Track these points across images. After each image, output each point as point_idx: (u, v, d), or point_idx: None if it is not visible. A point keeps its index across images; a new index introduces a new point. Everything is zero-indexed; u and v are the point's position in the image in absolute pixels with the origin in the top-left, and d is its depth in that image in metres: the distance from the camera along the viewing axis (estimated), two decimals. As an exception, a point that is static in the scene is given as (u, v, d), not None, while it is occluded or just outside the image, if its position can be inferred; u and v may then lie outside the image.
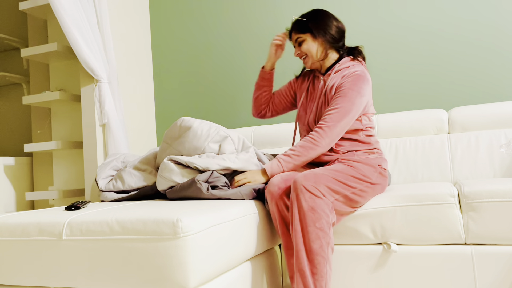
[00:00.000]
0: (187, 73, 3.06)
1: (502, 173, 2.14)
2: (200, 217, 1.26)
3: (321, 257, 1.47)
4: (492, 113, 2.25)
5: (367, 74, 1.83)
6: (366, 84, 1.80)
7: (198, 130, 1.85)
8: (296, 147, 1.77)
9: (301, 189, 1.52)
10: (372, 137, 1.89)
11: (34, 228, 1.35)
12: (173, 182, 1.74)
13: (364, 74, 1.81)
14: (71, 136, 2.77)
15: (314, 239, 1.48)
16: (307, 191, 1.52)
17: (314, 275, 1.46)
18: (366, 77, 1.81)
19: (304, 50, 1.89)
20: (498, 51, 2.43)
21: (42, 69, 2.94)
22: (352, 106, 1.76)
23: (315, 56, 1.89)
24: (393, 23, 2.61)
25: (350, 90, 1.77)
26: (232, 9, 2.96)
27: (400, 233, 1.68)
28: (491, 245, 1.62)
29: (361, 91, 1.78)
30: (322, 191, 1.54)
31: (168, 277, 1.19)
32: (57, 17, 2.35)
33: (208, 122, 1.92)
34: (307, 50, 1.89)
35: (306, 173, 1.58)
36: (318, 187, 1.53)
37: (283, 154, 1.78)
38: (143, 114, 2.99)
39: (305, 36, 1.88)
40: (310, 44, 1.88)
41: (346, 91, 1.78)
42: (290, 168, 1.76)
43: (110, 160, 2.16)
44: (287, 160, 1.76)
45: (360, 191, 1.67)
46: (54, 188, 2.77)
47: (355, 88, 1.78)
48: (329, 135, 1.75)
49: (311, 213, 1.50)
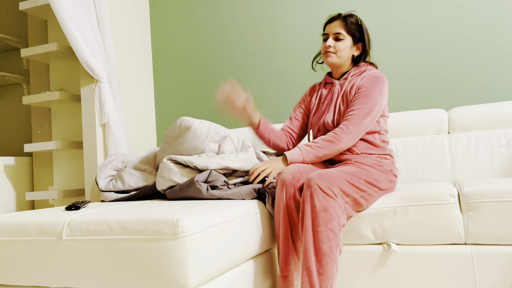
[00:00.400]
0: (187, 73, 3.06)
1: (502, 173, 2.14)
2: (200, 217, 1.26)
3: (329, 258, 1.47)
4: (492, 113, 2.25)
5: (385, 77, 1.88)
6: (386, 85, 1.85)
7: (197, 130, 1.85)
8: (318, 140, 1.79)
9: (316, 188, 1.52)
10: (386, 143, 1.91)
11: (34, 228, 1.35)
12: (173, 182, 1.74)
13: (382, 76, 1.86)
14: (71, 136, 2.77)
15: (324, 240, 1.48)
16: (321, 190, 1.51)
17: (320, 275, 1.46)
18: (385, 79, 1.86)
19: (338, 48, 1.88)
20: (498, 51, 2.43)
21: (42, 69, 2.94)
22: (375, 105, 1.79)
23: (343, 59, 1.90)
24: (393, 23, 2.61)
25: (372, 91, 1.80)
26: (232, 8, 2.96)
27: (400, 233, 1.68)
28: (491, 245, 1.62)
29: (382, 92, 1.82)
30: (336, 192, 1.53)
31: (168, 277, 1.18)
32: (57, 17, 2.35)
33: (207, 122, 1.92)
34: (341, 49, 1.89)
35: (322, 172, 1.57)
36: (332, 188, 1.53)
37: (304, 145, 1.79)
38: (143, 114, 2.99)
39: (347, 37, 1.89)
40: (347, 46, 1.89)
41: (368, 91, 1.80)
42: (310, 159, 1.76)
43: (110, 160, 2.16)
44: (309, 150, 1.76)
45: (368, 195, 1.68)
46: (54, 188, 2.77)
47: (377, 88, 1.81)
48: (352, 132, 1.77)
49: (324, 213, 1.49)
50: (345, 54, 1.90)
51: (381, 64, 2.62)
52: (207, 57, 3.01)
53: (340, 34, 1.88)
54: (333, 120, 1.88)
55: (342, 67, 1.94)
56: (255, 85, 2.88)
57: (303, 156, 1.76)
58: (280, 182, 1.64)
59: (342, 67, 1.94)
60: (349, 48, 1.90)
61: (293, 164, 1.71)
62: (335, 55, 1.89)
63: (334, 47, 1.89)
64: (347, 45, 1.89)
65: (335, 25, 1.90)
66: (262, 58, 2.88)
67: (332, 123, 1.88)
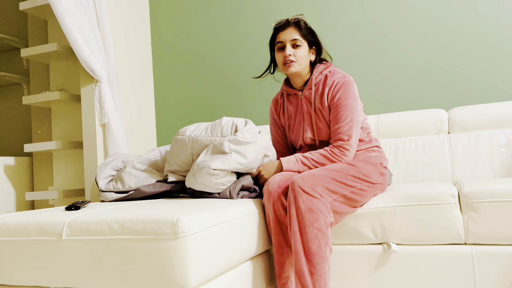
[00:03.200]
0: (187, 72, 3.06)
1: (502, 173, 2.14)
2: (200, 217, 1.26)
3: (320, 257, 1.48)
4: (492, 113, 2.25)
5: (349, 76, 1.84)
6: (355, 86, 1.83)
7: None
8: (315, 154, 1.78)
9: (298, 190, 1.53)
10: (371, 134, 1.91)
11: (34, 228, 1.35)
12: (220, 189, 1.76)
13: (347, 78, 1.83)
14: (71, 136, 2.77)
15: (312, 240, 1.48)
16: (304, 192, 1.52)
17: (312, 275, 1.46)
18: (352, 80, 1.83)
19: (299, 56, 1.83)
20: (498, 51, 2.43)
21: (42, 69, 2.94)
22: (356, 113, 1.79)
23: (304, 66, 1.86)
24: (393, 23, 2.61)
25: (348, 100, 1.79)
26: (232, 8, 2.96)
27: (400, 233, 1.68)
28: (491, 245, 1.62)
29: (355, 95, 1.81)
30: (319, 191, 1.54)
31: (168, 277, 1.18)
32: (57, 17, 2.35)
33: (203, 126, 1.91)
34: (301, 57, 1.83)
35: (304, 174, 1.58)
36: (315, 188, 1.53)
37: (302, 156, 1.78)
38: (143, 114, 2.99)
39: (303, 42, 1.84)
40: (305, 52, 1.85)
41: (345, 102, 1.79)
42: (304, 170, 1.77)
43: (110, 160, 2.16)
44: (305, 162, 1.77)
45: (360, 190, 1.67)
46: (54, 188, 2.77)
47: (350, 95, 1.79)
48: (351, 151, 1.78)
49: (309, 214, 1.50)
50: (305, 61, 1.85)
51: (381, 64, 2.62)
52: (207, 57, 3.01)
53: (297, 41, 1.82)
54: (313, 137, 1.88)
55: (303, 74, 1.89)
56: (255, 85, 2.88)
57: (298, 168, 1.77)
58: (266, 193, 1.65)
59: (303, 74, 1.89)
60: (307, 54, 1.86)
61: (278, 173, 1.72)
62: (296, 63, 1.82)
63: (295, 55, 1.82)
64: (305, 52, 1.85)
65: (290, 32, 1.83)
66: (263, 58, 2.88)
67: (312, 140, 1.89)
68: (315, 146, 1.91)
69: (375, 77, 2.64)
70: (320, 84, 1.86)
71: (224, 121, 1.79)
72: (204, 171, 1.65)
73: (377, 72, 2.64)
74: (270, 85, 2.85)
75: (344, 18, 2.71)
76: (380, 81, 2.63)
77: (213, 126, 1.80)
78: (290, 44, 1.83)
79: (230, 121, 1.79)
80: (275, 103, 2.03)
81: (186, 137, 1.81)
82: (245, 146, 1.70)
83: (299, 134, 1.92)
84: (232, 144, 1.68)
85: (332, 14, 2.73)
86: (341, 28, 2.71)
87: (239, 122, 1.78)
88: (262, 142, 1.75)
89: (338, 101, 1.79)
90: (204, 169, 1.65)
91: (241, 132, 1.72)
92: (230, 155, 1.67)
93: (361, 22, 2.68)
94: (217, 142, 1.71)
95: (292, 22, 1.84)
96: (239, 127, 1.76)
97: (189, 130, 1.84)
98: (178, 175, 1.88)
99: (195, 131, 1.81)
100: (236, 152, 1.68)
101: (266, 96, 2.86)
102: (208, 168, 1.64)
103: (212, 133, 1.78)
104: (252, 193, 1.77)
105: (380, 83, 2.63)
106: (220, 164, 1.64)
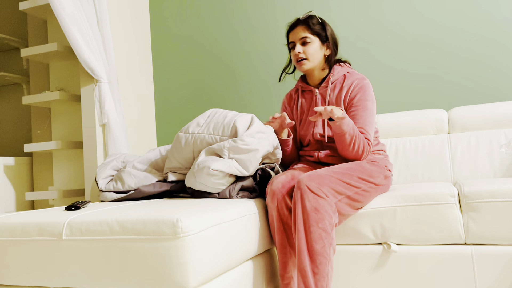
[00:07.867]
0: (187, 72, 3.06)
1: (502, 173, 2.14)
2: (200, 217, 1.26)
3: (323, 257, 1.47)
4: (492, 113, 2.25)
5: (367, 78, 1.89)
6: (371, 89, 1.87)
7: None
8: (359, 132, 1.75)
9: (305, 189, 1.53)
10: (378, 138, 1.93)
11: (34, 228, 1.35)
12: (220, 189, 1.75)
13: (366, 80, 1.87)
14: (71, 136, 2.77)
15: (316, 240, 1.48)
16: (310, 191, 1.52)
17: (315, 274, 1.46)
18: (369, 83, 1.88)
19: (309, 53, 1.85)
20: (499, 51, 2.43)
21: (42, 69, 2.94)
22: (373, 116, 1.84)
23: (316, 62, 1.88)
24: (393, 22, 2.61)
25: (366, 102, 1.83)
26: (232, 8, 2.96)
27: (400, 233, 1.68)
28: (491, 245, 1.62)
29: (373, 97, 1.86)
30: (326, 192, 1.54)
31: (168, 277, 1.18)
32: (57, 17, 2.35)
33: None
34: (312, 53, 1.86)
35: (311, 173, 1.58)
36: (322, 188, 1.53)
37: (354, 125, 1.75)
38: (143, 114, 2.99)
39: (314, 38, 1.86)
40: (316, 48, 1.87)
41: (365, 104, 1.82)
42: (341, 124, 1.67)
43: (110, 160, 2.16)
44: (355, 130, 1.72)
45: (363, 191, 1.68)
46: (54, 188, 2.77)
47: (369, 97, 1.84)
48: (371, 147, 1.81)
49: (315, 214, 1.50)
50: (317, 56, 1.87)
51: (381, 64, 2.62)
52: (207, 57, 3.01)
53: (306, 38, 1.85)
54: (323, 133, 1.89)
55: (318, 70, 1.92)
56: (255, 84, 2.88)
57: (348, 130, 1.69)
58: (270, 192, 1.65)
59: (318, 70, 1.92)
60: (319, 50, 1.87)
61: (282, 173, 1.72)
62: (307, 60, 1.86)
63: (304, 53, 1.85)
64: (317, 47, 1.87)
65: (298, 30, 1.87)
66: (264, 58, 2.88)
67: (321, 136, 1.89)
68: (323, 143, 1.92)
69: (375, 77, 2.64)
70: (337, 83, 1.89)
71: (227, 120, 1.78)
72: (204, 171, 1.65)
73: (377, 72, 2.64)
74: (271, 85, 2.85)
75: (343, 18, 2.71)
76: (380, 81, 2.63)
77: (216, 124, 1.80)
78: (299, 42, 1.87)
79: (232, 121, 1.77)
80: (289, 98, 2.06)
81: (189, 135, 1.82)
82: (246, 155, 1.68)
83: (309, 129, 1.93)
84: (232, 153, 1.68)
85: (333, 14, 2.73)
86: (341, 29, 2.71)
87: (240, 123, 1.76)
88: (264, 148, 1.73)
89: (358, 102, 1.83)
90: (204, 169, 1.65)
91: (241, 139, 1.68)
92: (231, 160, 1.67)
93: (360, 23, 2.68)
94: (217, 148, 1.71)
95: (301, 21, 1.88)
96: (240, 131, 1.73)
97: (192, 126, 1.84)
98: (178, 174, 1.88)
99: (198, 128, 1.82)
100: (237, 160, 1.69)
101: (266, 96, 2.86)
102: (208, 169, 1.64)
103: (214, 131, 1.78)
104: (252, 193, 1.77)
105: (380, 83, 2.63)
106: (220, 165, 1.64)
